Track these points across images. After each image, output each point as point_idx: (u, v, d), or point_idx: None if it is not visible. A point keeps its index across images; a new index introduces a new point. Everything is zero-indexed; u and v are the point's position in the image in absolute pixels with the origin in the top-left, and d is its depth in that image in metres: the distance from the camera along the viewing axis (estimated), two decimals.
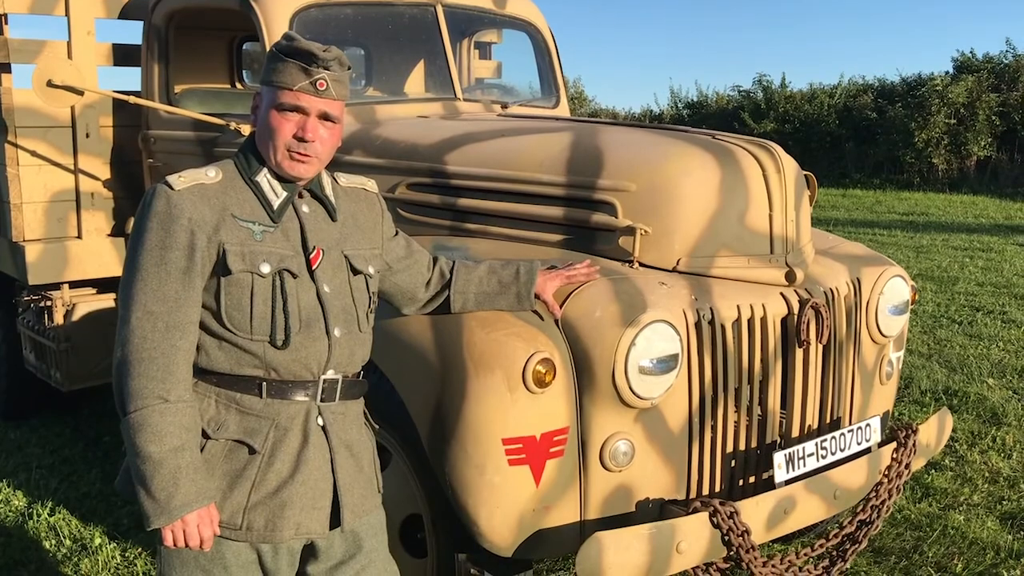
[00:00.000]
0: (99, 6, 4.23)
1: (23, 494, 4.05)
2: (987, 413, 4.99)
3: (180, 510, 1.77)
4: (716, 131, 3.00)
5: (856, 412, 2.94)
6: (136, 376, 1.76)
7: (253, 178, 1.90)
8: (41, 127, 4.17)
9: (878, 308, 2.93)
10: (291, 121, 1.87)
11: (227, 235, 1.82)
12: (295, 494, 1.88)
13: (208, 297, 1.83)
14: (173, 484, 1.76)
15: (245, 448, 1.87)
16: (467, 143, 3.14)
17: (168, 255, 1.78)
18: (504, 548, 2.39)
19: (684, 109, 24.94)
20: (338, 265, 1.97)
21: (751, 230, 2.69)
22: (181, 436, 1.77)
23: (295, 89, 1.85)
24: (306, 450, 1.90)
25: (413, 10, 3.84)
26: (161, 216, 1.79)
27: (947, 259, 9.94)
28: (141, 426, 1.75)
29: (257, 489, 1.87)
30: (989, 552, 3.46)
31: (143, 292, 1.78)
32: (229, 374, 1.87)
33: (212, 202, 1.83)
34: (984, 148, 18.90)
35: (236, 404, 1.87)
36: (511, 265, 2.39)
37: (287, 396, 1.89)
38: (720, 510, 2.36)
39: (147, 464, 1.75)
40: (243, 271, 1.83)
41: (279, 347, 1.86)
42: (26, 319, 4.59)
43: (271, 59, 1.88)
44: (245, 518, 1.87)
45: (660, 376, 2.40)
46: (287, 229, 1.90)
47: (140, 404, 1.75)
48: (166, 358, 1.77)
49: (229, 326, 1.84)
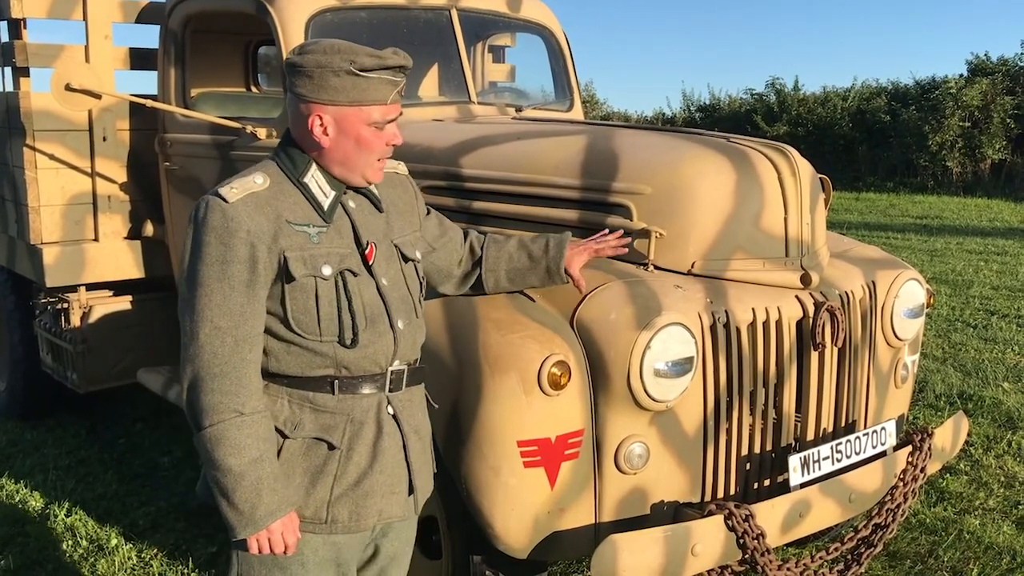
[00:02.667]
0: (116, 10, 4.25)
1: (40, 495, 4.08)
2: (1002, 417, 4.97)
3: (265, 519, 1.78)
4: (731, 134, 3.00)
5: (871, 415, 2.93)
6: (210, 392, 1.76)
7: (301, 179, 1.87)
8: (59, 130, 4.20)
9: (893, 311, 2.92)
10: (384, 133, 1.86)
11: (286, 242, 1.81)
12: (376, 483, 1.91)
13: (273, 304, 1.82)
14: (256, 495, 1.77)
15: (324, 444, 1.88)
16: (481, 146, 3.15)
17: (230, 269, 1.76)
18: (519, 550, 2.40)
19: (696, 112, 24.88)
20: (390, 256, 1.97)
21: (766, 233, 2.69)
22: (259, 447, 1.78)
23: (390, 103, 1.84)
24: (381, 440, 1.92)
25: (428, 14, 3.85)
26: (219, 230, 1.77)
27: (962, 263, 9.89)
28: (219, 440, 1.75)
29: (339, 482, 1.88)
30: (1005, 557, 3.44)
31: (208, 308, 1.76)
32: (300, 376, 1.87)
33: (266, 210, 1.81)
34: (999, 151, 18.78)
35: (310, 403, 1.88)
36: (541, 238, 2.40)
37: (358, 391, 1.89)
38: (735, 513, 2.36)
39: (228, 477, 1.76)
40: (306, 276, 1.82)
41: (348, 346, 1.86)
42: (43, 321, 4.63)
43: (351, 77, 1.79)
44: (329, 512, 1.89)
45: (675, 379, 2.40)
46: (339, 227, 1.89)
47: (216, 419, 1.75)
48: (237, 372, 1.77)
49: (297, 330, 1.83)
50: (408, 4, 3.78)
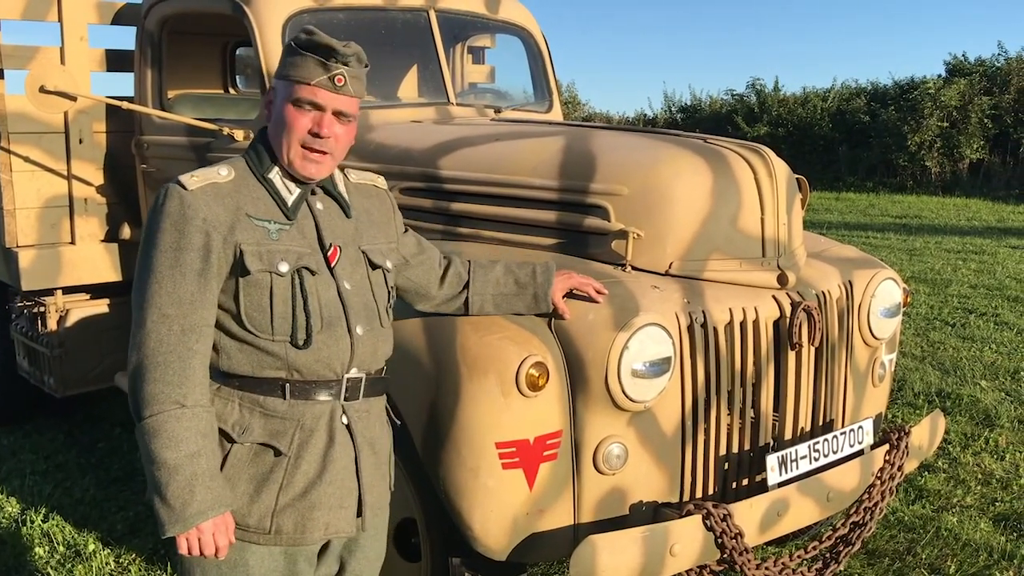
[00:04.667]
0: (92, 12, 4.22)
1: (16, 500, 4.04)
2: (980, 415, 5.01)
3: (195, 518, 1.73)
4: (708, 135, 3.01)
5: (849, 414, 2.94)
6: (152, 381, 1.73)
7: (265, 175, 1.87)
8: (34, 133, 4.17)
9: (870, 311, 2.94)
10: (307, 116, 1.83)
11: (243, 235, 1.79)
12: (323, 495, 1.86)
13: (226, 299, 1.80)
14: (189, 491, 1.72)
15: (271, 451, 1.84)
16: (460, 147, 3.15)
17: (183, 256, 1.75)
18: (498, 552, 2.39)
19: (678, 113, 24.99)
20: (356, 261, 1.94)
21: (743, 233, 2.70)
22: (197, 442, 1.74)
23: (312, 84, 1.81)
24: (332, 450, 1.88)
25: (406, 15, 3.85)
26: (175, 217, 1.76)
27: (940, 262, 9.97)
28: (157, 432, 1.72)
29: (285, 491, 1.84)
30: (982, 554, 3.47)
31: (158, 295, 1.74)
32: (251, 377, 1.84)
33: (226, 201, 1.80)
34: (977, 151, 18.97)
35: (260, 407, 1.84)
36: (527, 266, 2.38)
37: (311, 397, 1.86)
38: (713, 513, 2.36)
39: (162, 470, 1.72)
40: (261, 271, 1.79)
41: (300, 347, 1.82)
42: (19, 325, 4.59)
43: (288, 52, 1.84)
44: (274, 522, 1.84)
45: (653, 379, 2.41)
46: (302, 227, 1.88)
47: (156, 409, 1.72)
48: (182, 362, 1.74)
49: (249, 327, 1.81)
50: (386, 5, 3.78)
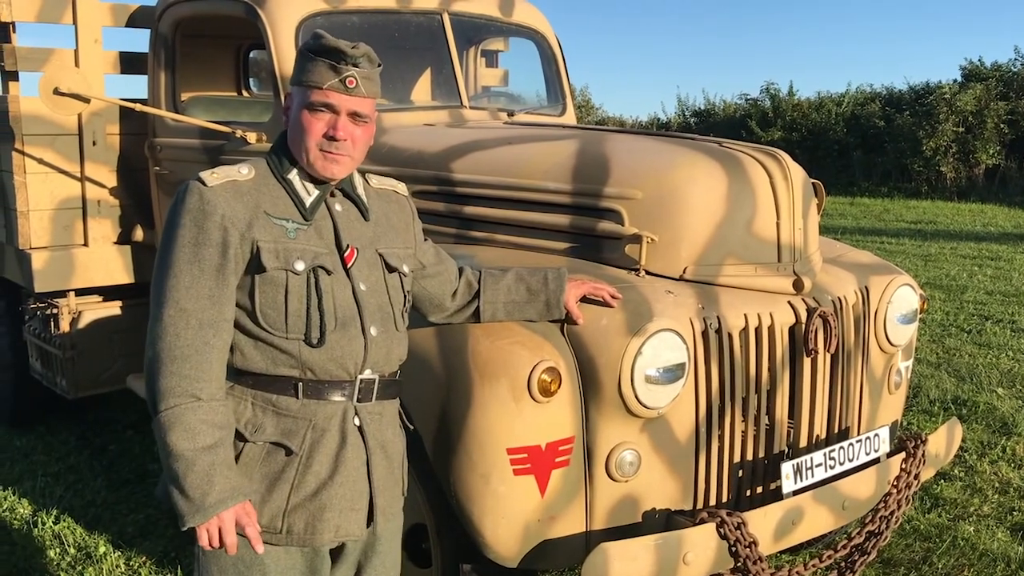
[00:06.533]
0: (106, 14, 4.23)
1: (28, 502, 4.05)
2: (997, 423, 4.96)
3: (215, 507, 1.74)
4: (723, 139, 2.98)
5: (864, 422, 2.91)
6: (168, 374, 1.74)
7: (285, 176, 1.89)
8: (48, 135, 4.18)
9: (886, 317, 2.91)
10: (322, 120, 1.85)
11: (260, 232, 1.81)
12: (334, 496, 1.87)
13: (242, 296, 1.82)
14: (207, 482, 1.73)
15: (283, 450, 1.85)
16: (473, 151, 3.14)
17: (201, 252, 1.77)
18: (509, 558, 2.37)
19: (691, 117, 24.92)
20: (373, 263, 1.95)
21: (758, 238, 2.68)
22: (214, 434, 1.75)
23: (324, 88, 1.83)
24: (344, 451, 1.88)
25: (420, 18, 3.84)
26: (194, 212, 1.78)
27: (956, 268, 9.89)
28: (173, 424, 1.73)
29: (296, 491, 1.85)
30: (999, 564, 3.43)
31: (176, 289, 1.76)
32: (265, 374, 1.85)
33: (245, 199, 1.82)
34: (993, 156, 18.83)
35: (273, 406, 1.85)
36: (538, 272, 2.36)
37: (323, 396, 1.87)
38: (727, 521, 2.34)
39: (180, 462, 1.73)
40: (277, 268, 1.81)
41: (314, 345, 1.83)
42: (32, 327, 4.60)
43: (300, 58, 1.87)
44: (285, 521, 1.85)
45: (666, 385, 2.38)
46: (320, 227, 1.89)
47: (172, 402, 1.73)
48: (199, 356, 1.75)
49: (264, 325, 1.82)
50: (400, 8, 3.77)
